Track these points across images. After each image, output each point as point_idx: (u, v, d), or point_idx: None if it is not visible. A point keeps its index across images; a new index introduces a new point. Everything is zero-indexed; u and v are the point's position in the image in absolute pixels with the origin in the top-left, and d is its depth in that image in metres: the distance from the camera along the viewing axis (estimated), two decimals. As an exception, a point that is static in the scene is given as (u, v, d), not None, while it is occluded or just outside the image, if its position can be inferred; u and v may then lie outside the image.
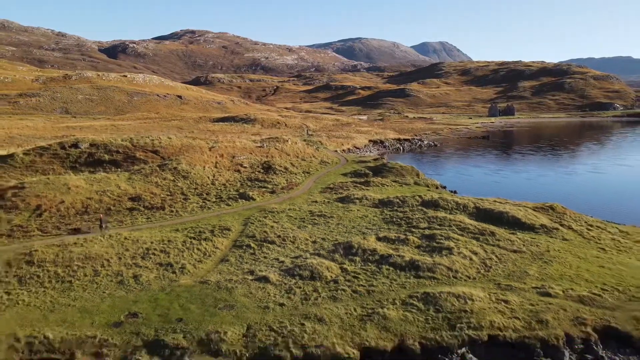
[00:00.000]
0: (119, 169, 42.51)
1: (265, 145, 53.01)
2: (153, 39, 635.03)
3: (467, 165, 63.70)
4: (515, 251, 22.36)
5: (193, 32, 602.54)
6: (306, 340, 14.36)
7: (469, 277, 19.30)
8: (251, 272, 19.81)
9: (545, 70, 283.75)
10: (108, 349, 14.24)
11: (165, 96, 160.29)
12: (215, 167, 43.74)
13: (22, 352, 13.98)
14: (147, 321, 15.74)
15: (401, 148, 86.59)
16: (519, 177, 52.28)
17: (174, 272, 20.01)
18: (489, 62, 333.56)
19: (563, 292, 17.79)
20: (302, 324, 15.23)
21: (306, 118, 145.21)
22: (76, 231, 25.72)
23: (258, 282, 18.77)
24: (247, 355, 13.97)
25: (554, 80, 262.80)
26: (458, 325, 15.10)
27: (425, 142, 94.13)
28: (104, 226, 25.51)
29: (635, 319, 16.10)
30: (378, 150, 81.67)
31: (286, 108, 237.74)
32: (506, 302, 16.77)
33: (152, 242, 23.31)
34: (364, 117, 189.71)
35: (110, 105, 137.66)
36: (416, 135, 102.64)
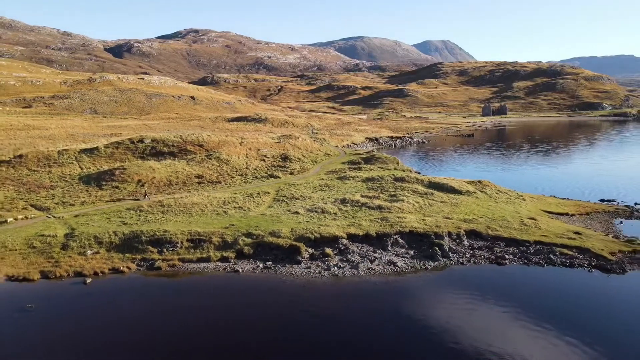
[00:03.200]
0: (176, 158, 58.52)
1: (281, 141, 69.09)
2: (157, 38, 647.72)
3: (442, 157, 79.77)
4: (442, 202, 38.45)
5: (196, 31, 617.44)
6: (321, 231, 30.46)
7: (410, 212, 35.36)
8: (288, 210, 35.94)
9: (539, 71, 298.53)
10: (226, 235, 30.36)
11: (179, 97, 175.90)
12: (246, 157, 59.80)
13: (187, 235, 30.07)
14: (240, 227, 31.84)
15: (393, 144, 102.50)
16: (475, 165, 68.57)
17: (244, 210, 36.14)
18: (486, 62, 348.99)
19: (457, 217, 33.88)
20: (319, 227, 31.34)
21: (310, 117, 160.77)
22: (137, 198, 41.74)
23: (293, 214, 34.85)
24: (293, 237, 30.03)
25: (547, 80, 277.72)
26: (395, 226, 31.20)
27: (415, 140, 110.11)
28: (147, 197, 41.45)
29: (487, 226, 32.16)
30: (373, 146, 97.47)
31: (290, 107, 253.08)
32: (424, 220, 32.84)
33: (225, 198, 39.40)
34: (364, 117, 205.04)
35: (132, 106, 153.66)
36: (408, 134, 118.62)
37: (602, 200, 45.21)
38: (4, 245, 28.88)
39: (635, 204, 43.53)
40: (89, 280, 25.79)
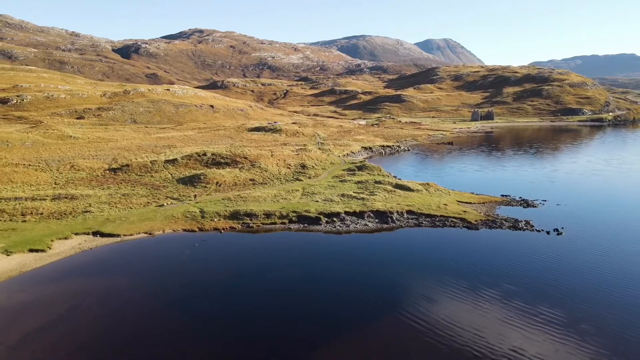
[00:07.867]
0: (230, 167, 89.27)
1: (299, 153, 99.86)
2: (162, 37, 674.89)
3: (416, 163, 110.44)
4: (399, 196, 69.28)
5: (201, 31, 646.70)
6: (331, 210, 61.35)
7: (378, 201, 66.14)
8: (312, 200, 66.80)
9: (528, 77, 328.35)
10: (282, 211, 61.22)
11: (200, 106, 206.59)
12: (277, 165, 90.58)
13: (263, 211, 60.90)
14: (288, 208, 62.67)
15: (384, 152, 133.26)
16: (433, 171, 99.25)
17: (287, 200, 66.97)
18: (480, 67, 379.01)
19: (404, 203, 64.68)
20: (330, 208, 62.23)
21: (316, 125, 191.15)
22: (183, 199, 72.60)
23: (315, 202, 65.71)
24: (317, 212, 60.82)
25: (534, 86, 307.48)
26: (369, 207, 62.02)
27: (402, 147, 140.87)
28: (196, 196, 71.79)
29: (418, 208, 63.01)
30: (367, 154, 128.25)
31: (295, 112, 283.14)
32: (385, 205, 63.65)
33: (274, 193, 70.12)
34: (363, 122, 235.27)
35: (163, 115, 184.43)
36: (397, 142, 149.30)
37: (503, 195, 75.77)
38: (173, 216, 59.73)
39: (520, 197, 74.07)
40: (222, 231, 56.57)
